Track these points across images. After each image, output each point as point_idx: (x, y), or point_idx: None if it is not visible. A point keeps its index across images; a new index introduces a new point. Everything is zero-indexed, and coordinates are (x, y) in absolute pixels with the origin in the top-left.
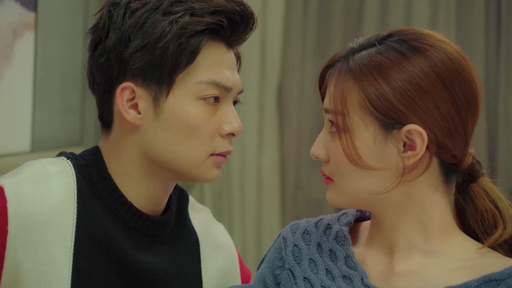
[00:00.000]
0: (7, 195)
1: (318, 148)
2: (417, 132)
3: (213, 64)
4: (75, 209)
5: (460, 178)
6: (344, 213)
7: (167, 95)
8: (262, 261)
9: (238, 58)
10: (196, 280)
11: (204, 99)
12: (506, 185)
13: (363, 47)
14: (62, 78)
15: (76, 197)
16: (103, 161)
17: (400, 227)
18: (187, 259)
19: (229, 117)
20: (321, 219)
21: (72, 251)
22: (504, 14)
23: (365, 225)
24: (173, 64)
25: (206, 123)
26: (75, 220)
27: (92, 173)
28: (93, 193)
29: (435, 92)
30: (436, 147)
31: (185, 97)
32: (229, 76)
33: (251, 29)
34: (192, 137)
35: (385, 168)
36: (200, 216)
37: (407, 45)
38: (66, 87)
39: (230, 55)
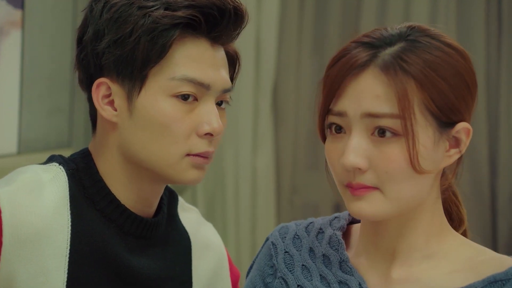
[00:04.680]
0: (1, 205)
1: (358, 157)
2: (465, 129)
3: (189, 60)
4: (69, 216)
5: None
6: (336, 217)
7: (139, 91)
8: (250, 268)
9: (232, 56)
10: (187, 282)
11: (177, 96)
12: (508, 188)
13: (390, 43)
14: (50, 78)
15: (69, 204)
16: (94, 164)
17: (407, 232)
18: (179, 261)
19: (209, 116)
20: (311, 222)
21: (67, 260)
22: (505, 10)
23: (356, 227)
24: (144, 59)
25: (179, 122)
26: (69, 228)
27: (83, 177)
28: (85, 198)
29: (474, 87)
30: None
31: (157, 94)
32: (209, 72)
33: (238, 25)
34: (165, 136)
35: (435, 170)
36: (190, 216)
37: (438, 41)
38: (54, 87)
39: (213, 52)
